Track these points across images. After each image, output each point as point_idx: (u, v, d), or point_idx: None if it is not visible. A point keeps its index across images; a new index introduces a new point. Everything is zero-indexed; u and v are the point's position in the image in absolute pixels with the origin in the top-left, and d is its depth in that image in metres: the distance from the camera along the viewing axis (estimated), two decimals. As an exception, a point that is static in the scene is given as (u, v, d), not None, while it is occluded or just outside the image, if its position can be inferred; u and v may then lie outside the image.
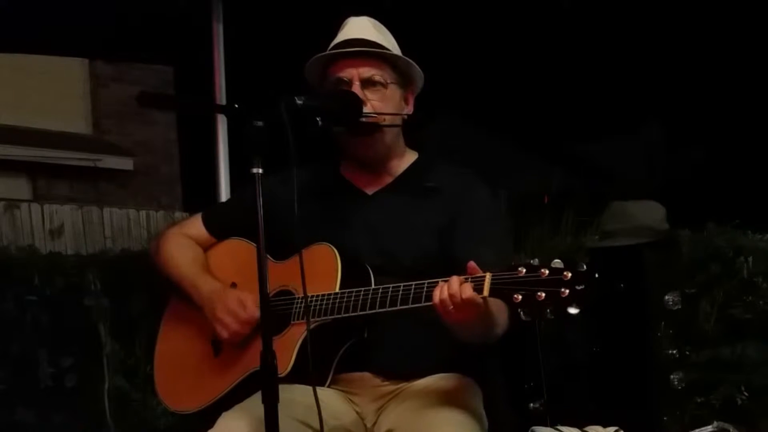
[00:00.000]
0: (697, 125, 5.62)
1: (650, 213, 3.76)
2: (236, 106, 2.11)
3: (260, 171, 1.98)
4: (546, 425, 2.62)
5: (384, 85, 2.35)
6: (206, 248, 2.54)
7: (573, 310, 1.88)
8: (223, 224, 2.53)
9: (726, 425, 3.15)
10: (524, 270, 1.93)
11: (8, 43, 4.47)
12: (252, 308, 2.25)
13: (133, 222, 8.61)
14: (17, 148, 8.47)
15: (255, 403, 1.96)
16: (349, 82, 2.33)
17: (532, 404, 3.24)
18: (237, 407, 2.19)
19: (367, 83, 2.33)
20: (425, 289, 2.07)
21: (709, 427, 3.14)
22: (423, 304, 2.06)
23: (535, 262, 1.93)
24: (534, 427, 2.59)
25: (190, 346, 2.46)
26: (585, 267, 1.89)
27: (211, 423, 2.17)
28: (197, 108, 2.91)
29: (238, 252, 2.45)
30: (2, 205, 7.83)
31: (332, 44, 2.40)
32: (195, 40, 3.88)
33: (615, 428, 2.53)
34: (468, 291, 1.98)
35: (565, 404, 3.28)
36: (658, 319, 3.71)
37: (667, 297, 3.69)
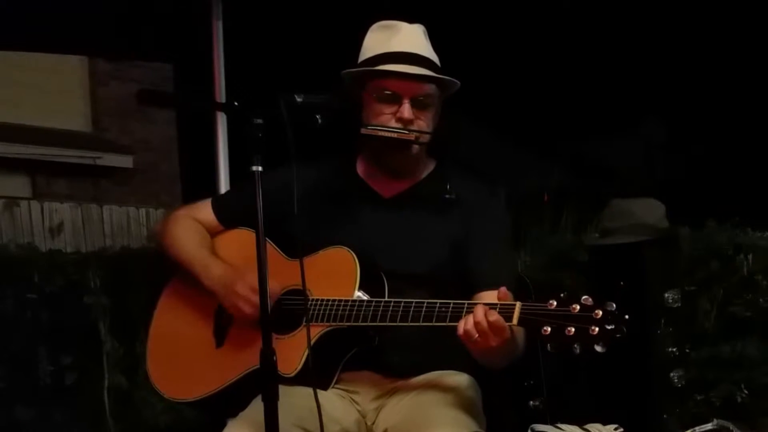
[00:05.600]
0: (698, 122, 5.61)
1: (650, 211, 3.75)
2: (236, 103, 2.11)
3: (260, 169, 1.97)
4: (546, 423, 2.61)
5: (433, 106, 2.34)
6: (213, 235, 2.51)
7: (599, 349, 1.93)
8: (233, 213, 2.50)
9: (726, 423, 3.14)
10: (555, 303, 1.96)
11: (8, 41, 4.46)
12: (271, 284, 2.13)
13: (132, 220, 8.61)
14: (17, 146, 8.47)
15: (258, 409, 1.95)
16: (397, 96, 2.29)
17: (531, 402, 3.23)
18: (241, 416, 2.18)
19: (418, 103, 2.31)
20: (451, 308, 2.07)
21: (709, 425, 3.13)
22: (447, 324, 2.07)
23: (564, 296, 1.96)
24: (534, 425, 2.58)
25: (189, 333, 2.43)
26: (614, 306, 1.93)
27: (207, 415, 2.15)
28: (197, 105, 2.90)
29: (247, 242, 2.38)
30: (2, 203, 7.83)
31: (383, 50, 2.33)
32: (194, 38, 3.87)
33: (615, 426, 2.52)
34: (493, 316, 1.99)
35: (564, 402, 3.27)
36: (658, 316, 3.70)
37: (666, 294, 3.68)
